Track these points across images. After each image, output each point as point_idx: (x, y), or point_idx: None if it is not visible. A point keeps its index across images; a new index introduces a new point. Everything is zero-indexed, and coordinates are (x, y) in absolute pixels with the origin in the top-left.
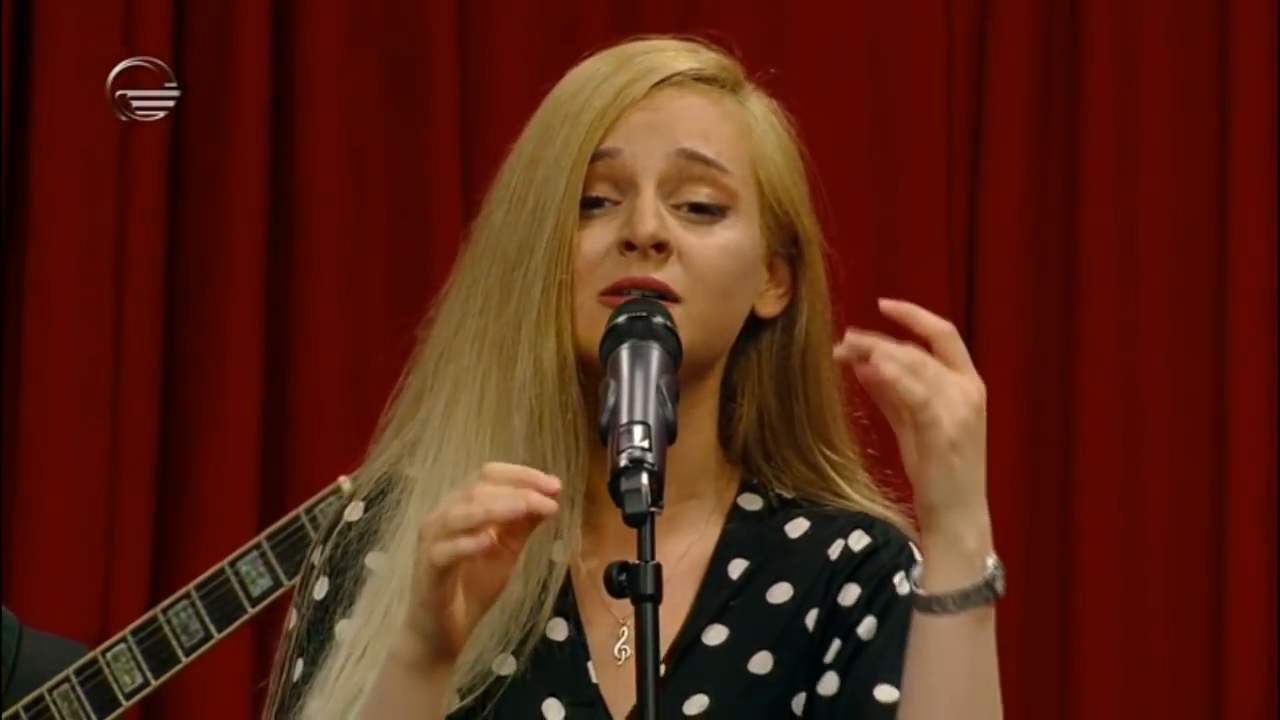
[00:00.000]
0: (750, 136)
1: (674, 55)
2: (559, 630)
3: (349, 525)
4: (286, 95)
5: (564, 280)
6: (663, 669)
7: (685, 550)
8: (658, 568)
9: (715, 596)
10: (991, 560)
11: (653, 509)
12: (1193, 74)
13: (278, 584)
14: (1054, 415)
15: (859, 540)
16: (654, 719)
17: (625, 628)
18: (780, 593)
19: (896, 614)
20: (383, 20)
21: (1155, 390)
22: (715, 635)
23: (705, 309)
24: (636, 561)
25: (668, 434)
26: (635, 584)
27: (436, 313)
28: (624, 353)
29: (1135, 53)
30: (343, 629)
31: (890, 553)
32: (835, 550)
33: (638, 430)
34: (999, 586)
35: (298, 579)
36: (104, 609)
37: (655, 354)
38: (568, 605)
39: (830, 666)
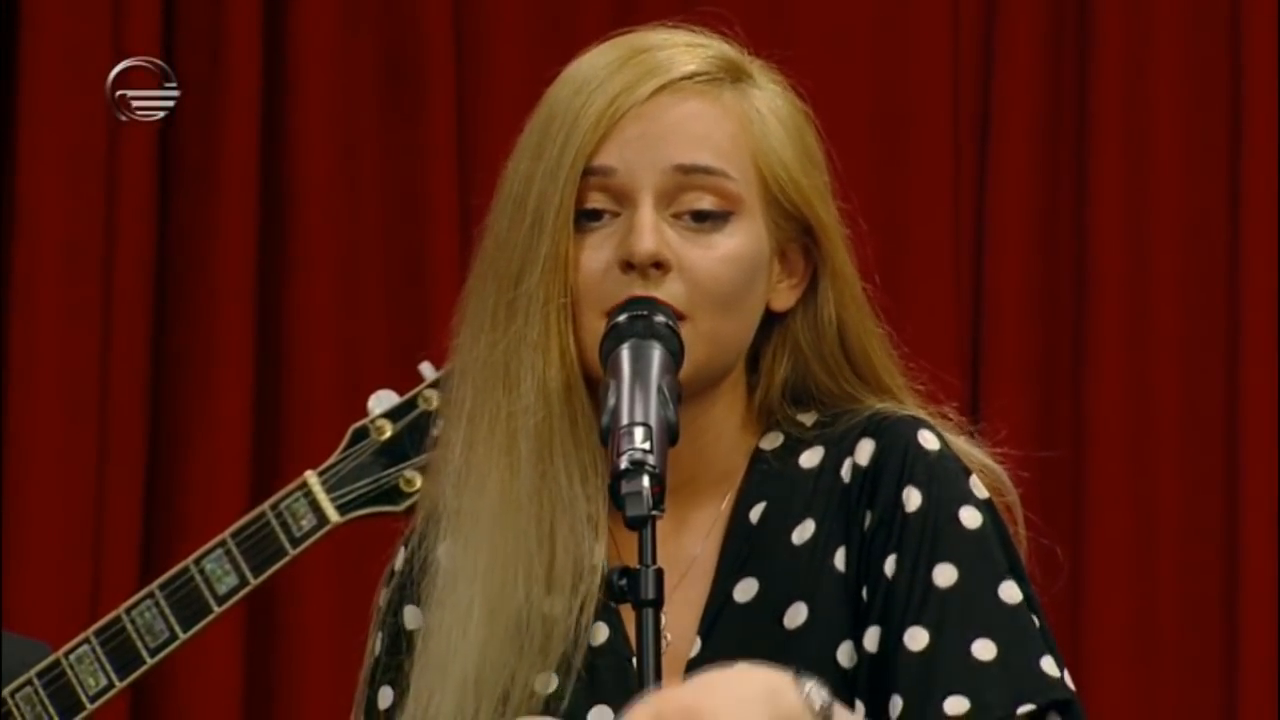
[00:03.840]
0: (751, 131)
1: (672, 56)
2: (600, 635)
3: (394, 574)
4: (278, 90)
5: (563, 303)
6: (697, 645)
7: (711, 524)
8: (659, 572)
9: (739, 548)
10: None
11: (654, 513)
12: (1204, 66)
13: (244, 582)
14: (1064, 415)
15: (864, 451)
16: None
17: (664, 615)
18: (804, 531)
19: (909, 541)
20: (377, 13)
21: (1166, 390)
22: (745, 590)
23: (713, 324)
24: (638, 566)
25: (669, 435)
26: (636, 589)
27: (458, 320)
28: (624, 353)
29: (1146, 44)
30: (384, 696)
31: (895, 456)
32: (846, 470)
33: (639, 432)
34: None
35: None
36: (93, 611)
37: (656, 354)
38: (609, 610)
39: (870, 618)
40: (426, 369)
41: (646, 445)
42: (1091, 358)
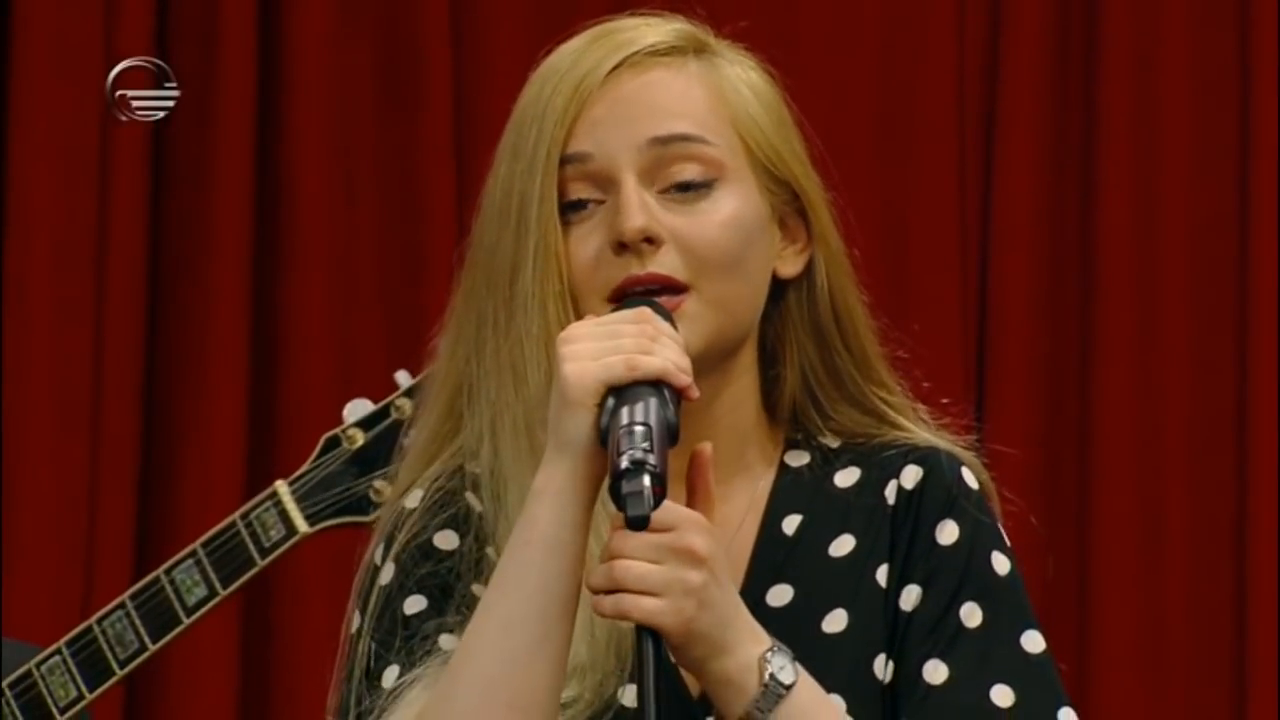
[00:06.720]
0: (725, 99)
1: (629, 34)
2: None
3: (408, 511)
4: (274, 85)
5: (559, 291)
6: None
7: (739, 523)
8: None
9: (773, 556)
10: (760, 673)
11: (654, 513)
12: (1212, 66)
13: (213, 593)
14: (1070, 416)
15: (911, 476)
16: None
17: None
18: (842, 545)
19: (939, 574)
20: (374, 10)
21: (1175, 391)
22: (780, 595)
23: (719, 290)
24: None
25: (669, 435)
26: None
27: (449, 334)
28: None
29: (1153, 43)
30: (412, 603)
31: (939, 488)
32: (891, 493)
33: (639, 431)
34: (784, 678)
35: (358, 579)
36: (85, 613)
37: None
38: None
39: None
40: (402, 377)
41: (647, 445)
42: (1099, 358)
